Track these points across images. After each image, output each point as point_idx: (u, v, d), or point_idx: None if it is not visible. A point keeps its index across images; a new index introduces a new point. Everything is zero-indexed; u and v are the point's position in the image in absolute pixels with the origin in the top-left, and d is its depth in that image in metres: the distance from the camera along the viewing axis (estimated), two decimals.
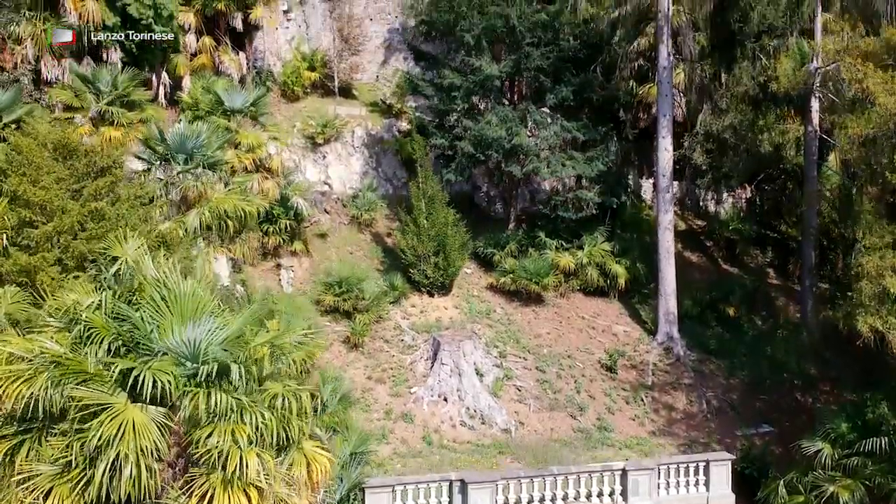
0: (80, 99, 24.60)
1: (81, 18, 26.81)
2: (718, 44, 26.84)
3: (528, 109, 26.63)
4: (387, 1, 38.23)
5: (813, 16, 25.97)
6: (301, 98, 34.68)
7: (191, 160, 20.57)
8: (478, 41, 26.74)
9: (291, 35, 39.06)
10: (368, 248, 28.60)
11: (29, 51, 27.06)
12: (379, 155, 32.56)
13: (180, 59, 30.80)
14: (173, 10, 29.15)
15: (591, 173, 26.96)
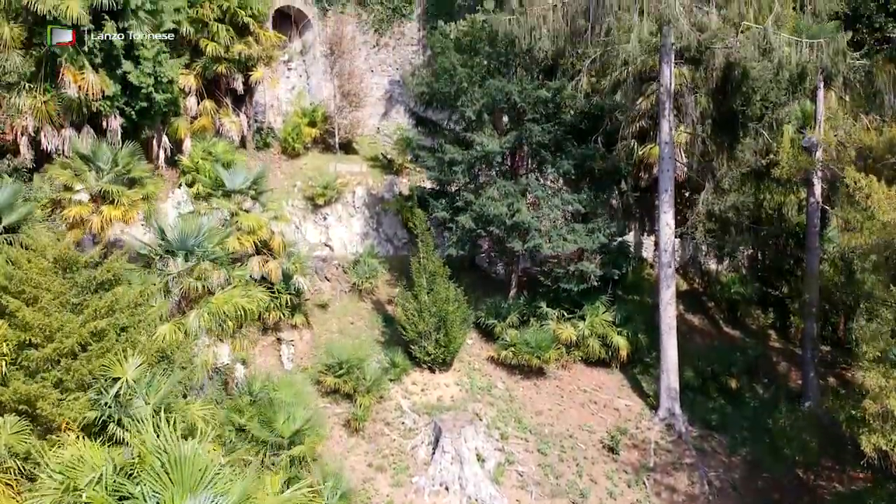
0: (80, 178, 24.48)
1: (81, 90, 26.73)
2: (720, 121, 26.78)
3: (528, 184, 26.57)
4: (387, 53, 38.24)
5: (815, 91, 25.92)
6: (301, 154, 34.71)
7: (191, 255, 20.53)
8: (479, 115, 26.69)
9: (292, 84, 39.12)
10: (369, 317, 28.53)
11: (29, 123, 27.09)
12: (380, 215, 32.48)
13: (181, 122, 30.78)
14: (174, 77, 29.15)
15: (593, 246, 26.89)
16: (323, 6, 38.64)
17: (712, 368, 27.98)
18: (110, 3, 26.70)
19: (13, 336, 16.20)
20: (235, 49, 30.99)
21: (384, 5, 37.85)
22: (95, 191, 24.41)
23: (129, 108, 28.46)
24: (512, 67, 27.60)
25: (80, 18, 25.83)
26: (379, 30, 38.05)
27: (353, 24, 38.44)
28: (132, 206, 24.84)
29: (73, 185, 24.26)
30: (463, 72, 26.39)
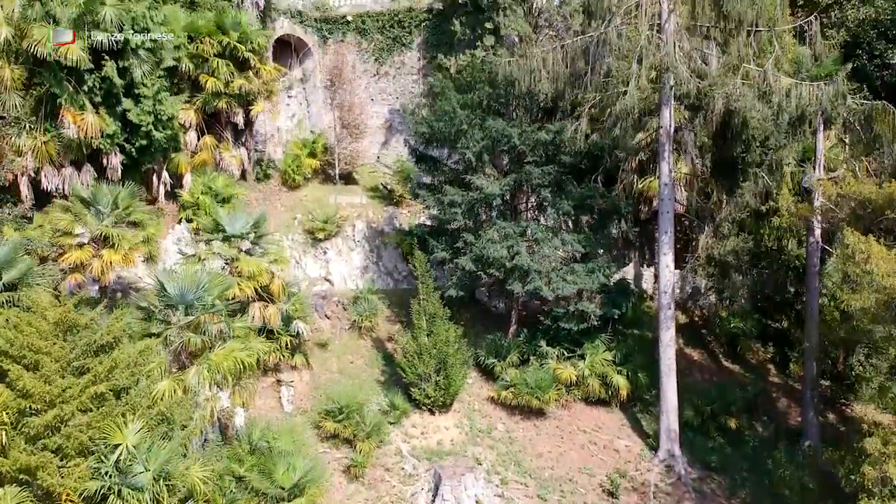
0: (80, 222, 24.46)
1: (81, 130, 26.77)
2: (720, 164, 26.80)
3: (528, 226, 26.58)
4: (388, 82, 38.26)
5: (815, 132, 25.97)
6: (302, 185, 34.72)
7: (191, 309, 20.53)
8: (479, 156, 26.71)
9: (293, 112, 39.16)
10: (369, 356, 28.54)
11: (29, 163, 27.09)
12: (380, 248, 32.49)
13: (181, 157, 30.77)
14: (174, 114, 29.17)
15: (593, 286, 26.91)
16: (323, 35, 38.71)
17: (712, 408, 27.97)
18: (110, 43, 26.82)
19: (14, 403, 16.23)
20: (236, 84, 31.00)
21: (384, 35, 37.85)
22: (96, 234, 24.42)
23: (129, 145, 28.51)
24: (512, 107, 27.60)
25: (79, 61, 25.89)
26: (379, 59, 38.07)
27: (354, 52, 38.49)
28: (132, 249, 24.87)
29: (73, 229, 24.25)
30: (463, 114, 26.42)
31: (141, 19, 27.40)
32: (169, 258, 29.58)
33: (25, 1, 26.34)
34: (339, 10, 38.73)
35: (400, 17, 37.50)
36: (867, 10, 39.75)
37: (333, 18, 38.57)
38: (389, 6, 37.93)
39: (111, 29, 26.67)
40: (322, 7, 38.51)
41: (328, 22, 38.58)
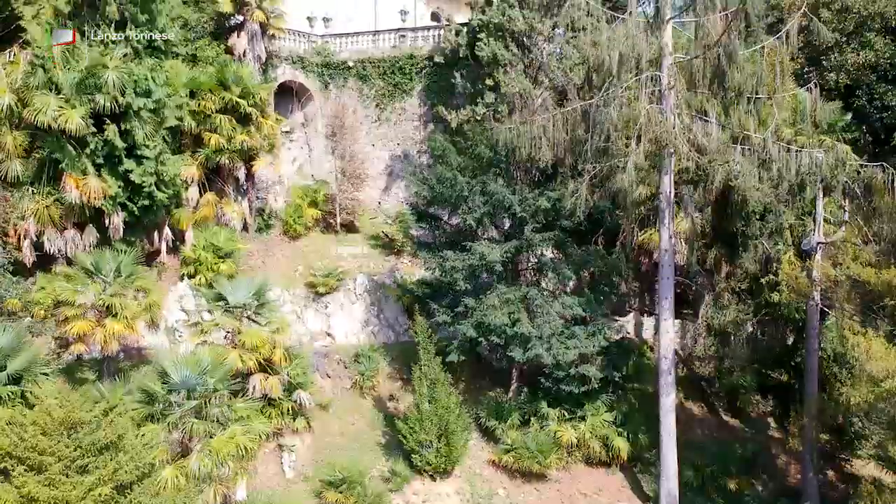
0: (83, 294, 24.52)
1: (83, 195, 26.91)
2: (719, 233, 26.91)
3: (529, 292, 26.68)
4: (389, 127, 38.41)
5: (815, 202, 26.09)
6: (303, 235, 34.83)
7: (194, 392, 20.65)
8: (479, 221, 26.82)
9: (294, 156, 39.32)
10: (370, 416, 28.64)
11: (31, 227, 27.21)
12: (381, 301, 32.58)
13: (183, 213, 30.87)
14: (176, 174, 29.29)
15: (593, 350, 27.01)
16: (325, 80, 38.84)
17: (712, 469, 28.06)
18: (112, 107, 26.95)
19: None
20: (238, 140, 31.13)
21: (385, 81, 37.98)
22: (98, 304, 24.52)
23: (131, 204, 28.60)
24: (513, 170, 27.72)
25: (79, 130, 26.02)
26: (380, 105, 38.19)
27: (355, 98, 38.63)
28: (135, 318, 25.00)
29: (76, 300, 24.33)
30: (463, 181, 26.55)
31: (143, 82, 27.51)
32: (171, 315, 29.76)
33: (28, 68, 26.58)
34: (340, 56, 38.87)
35: (401, 64, 37.63)
36: (867, 55, 39.79)
37: (334, 64, 38.70)
38: (391, 53, 38.06)
39: (113, 92, 26.83)
40: (323, 52, 38.65)
41: (329, 67, 38.71)
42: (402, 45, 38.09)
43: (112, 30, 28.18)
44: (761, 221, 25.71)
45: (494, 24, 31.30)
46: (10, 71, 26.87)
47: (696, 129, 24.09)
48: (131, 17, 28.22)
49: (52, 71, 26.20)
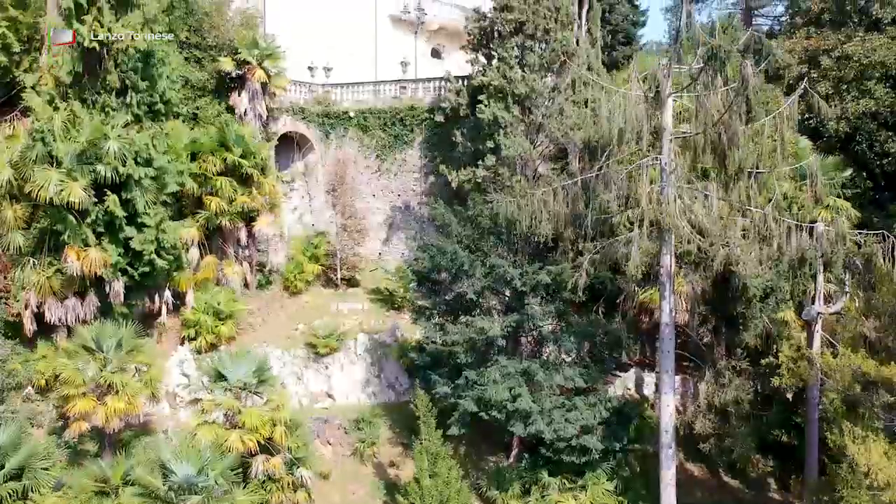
0: (84, 372, 24.52)
1: (84, 266, 26.92)
2: (719, 309, 26.94)
3: (530, 366, 26.69)
4: (389, 178, 38.44)
5: (815, 277, 26.12)
6: (303, 291, 34.84)
7: (197, 488, 20.64)
8: (480, 294, 26.83)
9: (295, 205, 39.37)
10: (371, 485, 28.60)
11: (32, 298, 27.23)
12: (381, 360, 32.58)
13: (183, 275, 30.87)
14: (176, 240, 29.30)
15: (594, 422, 27.00)
16: (325, 130, 38.89)
17: None
18: (113, 177, 26.97)
19: None
20: (239, 201, 31.23)
21: (386, 132, 38.00)
22: (100, 382, 24.54)
23: (132, 269, 28.60)
24: (513, 240, 27.73)
25: (82, 202, 26.04)
26: (381, 155, 38.21)
27: (356, 147, 38.65)
28: (136, 395, 24.99)
29: (76, 379, 24.34)
30: (464, 255, 26.56)
31: (144, 150, 27.50)
32: (172, 379, 29.80)
33: (28, 141, 26.57)
34: (342, 106, 38.91)
35: (402, 116, 37.67)
36: (867, 103, 39.85)
37: (335, 113, 38.74)
38: (391, 104, 38.10)
39: (114, 163, 26.84)
40: (324, 102, 38.69)
41: (330, 117, 38.75)
42: (402, 95, 38.13)
43: (114, 96, 28.24)
44: (762, 303, 25.74)
45: (495, 87, 31.31)
46: (9, 144, 26.87)
47: (696, 210, 24.07)
48: (132, 84, 28.24)
49: (52, 144, 26.19)
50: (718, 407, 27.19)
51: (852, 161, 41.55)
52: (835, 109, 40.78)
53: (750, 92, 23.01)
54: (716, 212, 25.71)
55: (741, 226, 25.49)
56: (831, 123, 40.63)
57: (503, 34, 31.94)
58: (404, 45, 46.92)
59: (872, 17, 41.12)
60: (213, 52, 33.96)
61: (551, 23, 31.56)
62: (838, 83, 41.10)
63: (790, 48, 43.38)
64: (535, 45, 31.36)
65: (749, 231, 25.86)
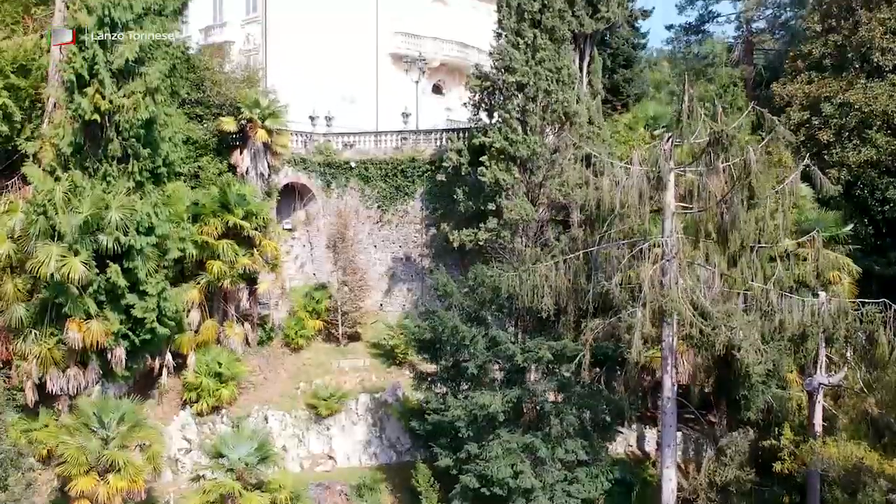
0: (85, 450, 24.51)
1: (86, 339, 26.94)
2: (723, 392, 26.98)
3: (531, 443, 26.66)
4: (390, 229, 38.40)
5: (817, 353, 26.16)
6: (304, 347, 34.79)
7: None
8: (481, 368, 26.83)
9: (296, 254, 39.35)
10: None
11: (34, 369, 27.22)
12: (383, 420, 32.55)
13: (184, 338, 30.92)
14: (177, 306, 29.31)
15: (596, 494, 27.01)
16: (327, 180, 38.90)
17: None
18: (115, 248, 26.98)
19: None
20: (240, 264, 31.15)
21: (387, 183, 37.96)
22: (102, 460, 24.52)
23: (133, 335, 28.59)
24: (515, 313, 27.75)
25: (81, 279, 26.04)
26: (382, 206, 38.16)
27: (357, 197, 38.63)
28: (139, 473, 24.95)
29: (78, 457, 24.35)
30: (465, 330, 26.54)
31: (146, 220, 27.48)
32: (173, 445, 29.82)
33: (30, 215, 26.55)
34: (343, 155, 38.90)
35: (403, 167, 37.63)
36: (868, 152, 39.86)
37: (337, 163, 38.71)
38: (392, 155, 38.06)
39: (116, 234, 26.83)
40: (326, 151, 38.68)
41: (331, 167, 38.73)
42: (403, 146, 38.12)
43: (115, 164, 28.21)
44: (764, 385, 25.77)
45: (497, 148, 31.31)
46: (8, 219, 26.84)
47: (699, 293, 24.09)
48: (134, 152, 28.22)
49: (54, 218, 26.19)
50: (720, 484, 27.21)
51: (853, 207, 41.66)
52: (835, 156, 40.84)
53: (753, 178, 23.04)
54: (717, 289, 25.77)
55: (742, 302, 25.59)
56: (832, 172, 40.63)
57: (505, 95, 31.93)
58: (405, 83, 47.05)
59: (874, 64, 41.14)
60: (214, 108, 33.97)
61: (552, 83, 31.52)
62: (840, 130, 41.15)
63: (792, 93, 43.42)
64: (536, 107, 31.31)
65: (751, 306, 26.00)
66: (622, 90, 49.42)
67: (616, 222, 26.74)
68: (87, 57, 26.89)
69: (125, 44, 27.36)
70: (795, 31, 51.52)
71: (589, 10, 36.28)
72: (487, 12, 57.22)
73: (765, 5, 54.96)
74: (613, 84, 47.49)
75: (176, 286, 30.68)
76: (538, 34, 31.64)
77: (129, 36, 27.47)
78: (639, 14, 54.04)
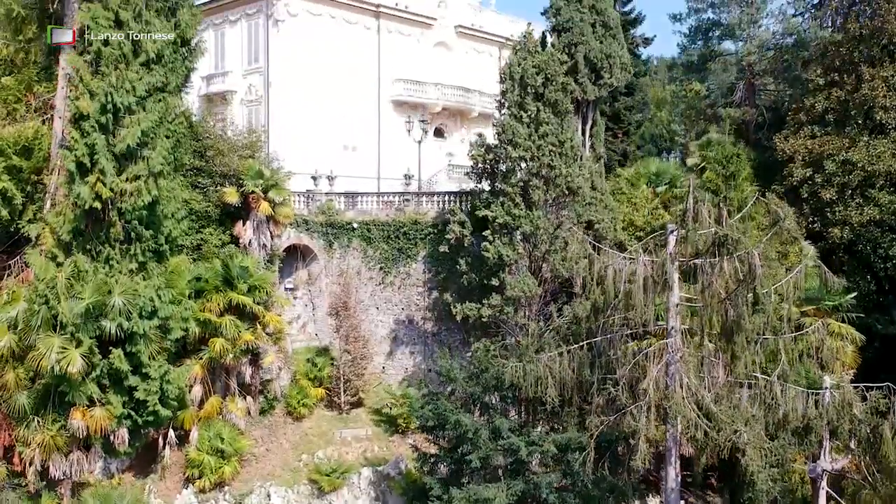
0: None
1: (90, 426, 26.89)
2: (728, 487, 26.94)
3: None
4: (393, 291, 38.33)
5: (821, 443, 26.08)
6: (306, 416, 34.69)
7: None
8: (484, 461, 26.74)
9: (298, 313, 39.31)
10: None
11: (37, 456, 27.12)
12: (385, 494, 32.43)
13: (186, 414, 30.74)
14: (180, 387, 29.24)
15: None
16: (329, 240, 38.84)
17: None
18: (117, 334, 26.92)
19: None
20: (243, 340, 31.05)
21: (390, 245, 37.88)
22: None
23: (135, 415, 28.54)
24: (519, 402, 27.68)
25: (80, 372, 25.97)
26: (384, 268, 38.08)
27: (359, 258, 38.57)
28: None
29: None
30: (468, 423, 26.45)
31: (149, 304, 27.41)
32: None
33: (31, 304, 26.47)
34: (345, 216, 38.85)
35: (405, 230, 37.56)
36: (871, 211, 39.80)
37: (339, 223, 38.67)
38: (395, 216, 37.99)
39: (119, 319, 26.76)
40: (328, 211, 38.64)
41: (333, 227, 38.69)
42: (406, 208, 38.06)
43: (118, 246, 28.12)
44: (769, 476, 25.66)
45: (500, 224, 31.26)
46: (10, 308, 26.74)
47: (703, 394, 24.00)
48: (137, 235, 28.16)
49: (56, 307, 26.12)
50: None
51: (856, 264, 41.61)
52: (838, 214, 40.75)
53: (758, 283, 22.95)
54: (721, 381, 25.68)
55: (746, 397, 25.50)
56: (835, 231, 40.60)
57: (508, 168, 31.86)
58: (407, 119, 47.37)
59: (877, 121, 41.07)
60: (217, 178, 33.89)
61: (555, 157, 31.45)
62: (842, 188, 41.08)
63: (794, 148, 43.33)
64: (539, 182, 31.25)
65: (755, 398, 25.93)
66: (623, 118, 49.51)
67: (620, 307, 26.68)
68: (88, 143, 26.78)
69: (128, 128, 27.30)
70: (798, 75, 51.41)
71: (592, 77, 36.14)
72: (489, 54, 57.60)
73: (767, 47, 54.80)
74: (614, 112, 47.53)
75: (178, 360, 30.67)
76: (541, 108, 31.57)
77: (131, 119, 27.44)
78: (640, 41, 54.19)
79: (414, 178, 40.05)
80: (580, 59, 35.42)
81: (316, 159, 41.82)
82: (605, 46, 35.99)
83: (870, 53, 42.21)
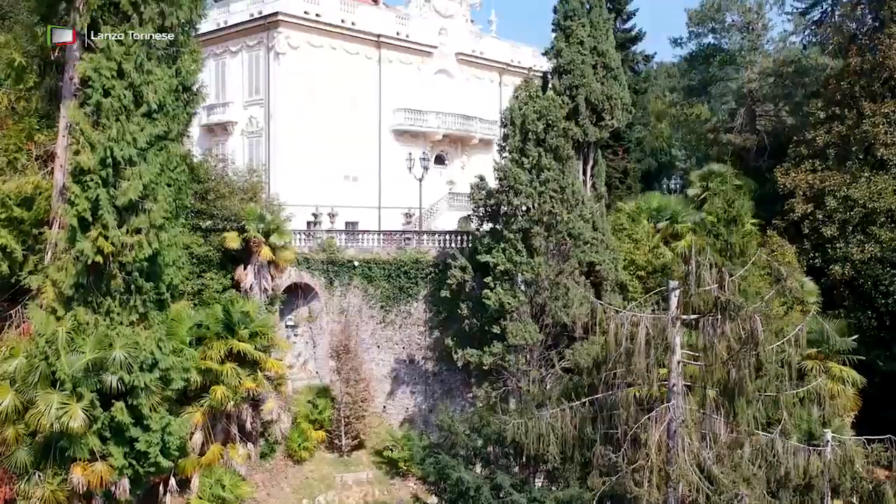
0: None
1: (91, 481, 26.81)
2: None
3: None
4: (394, 330, 38.28)
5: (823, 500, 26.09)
6: (307, 459, 34.66)
7: None
8: None
9: (298, 351, 39.31)
10: None
11: None
12: None
13: (188, 462, 30.71)
14: (181, 438, 29.20)
15: None
16: (329, 277, 38.80)
17: None
18: (118, 387, 26.84)
19: None
20: (244, 387, 31.03)
21: (391, 283, 37.85)
22: None
23: (137, 465, 28.48)
24: (518, 458, 27.63)
25: (80, 428, 25.86)
26: (385, 306, 38.04)
27: (360, 296, 38.54)
28: None
29: None
30: (469, 481, 26.38)
31: (150, 356, 27.36)
32: None
33: (31, 361, 26.39)
34: (346, 253, 38.83)
35: (406, 269, 37.50)
36: (872, 248, 39.81)
37: (340, 261, 38.65)
38: (396, 255, 37.96)
39: (120, 372, 26.69)
40: (329, 249, 38.63)
41: (334, 264, 38.67)
42: (407, 246, 38.02)
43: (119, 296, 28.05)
44: None
45: (501, 271, 31.22)
46: (9, 365, 26.65)
47: (706, 456, 23.99)
48: (137, 287, 28.09)
49: (55, 364, 26.05)
50: None
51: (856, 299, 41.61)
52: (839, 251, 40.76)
53: (760, 349, 22.92)
54: (724, 438, 25.65)
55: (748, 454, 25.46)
56: (836, 267, 40.61)
57: (509, 214, 31.80)
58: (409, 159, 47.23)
59: (877, 157, 41.10)
60: (218, 221, 33.85)
61: (557, 204, 31.40)
62: (844, 225, 41.11)
63: (795, 183, 43.36)
64: (540, 229, 31.22)
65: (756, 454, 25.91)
66: (623, 135, 49.47)
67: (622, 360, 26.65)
68: (90, 197, 26.71)
69: (129, 180, 27.23)
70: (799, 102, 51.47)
71: (593, 118, 36.12)
72: (490, 80, 57.60)
73: (767, 73, 54.88)
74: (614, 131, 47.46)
75: (179, 407, 30.64)
76: (542, 153, 31.52)
77: (133, 171, 27.37)
78: (640, 58, 54.20)
79: (415, 217, 39.99)
80: (581, 101, 35.41)
81: (317, 190, 41.89)
82: (606, 88, 35.97)
83: (871, 89, 42.26)
